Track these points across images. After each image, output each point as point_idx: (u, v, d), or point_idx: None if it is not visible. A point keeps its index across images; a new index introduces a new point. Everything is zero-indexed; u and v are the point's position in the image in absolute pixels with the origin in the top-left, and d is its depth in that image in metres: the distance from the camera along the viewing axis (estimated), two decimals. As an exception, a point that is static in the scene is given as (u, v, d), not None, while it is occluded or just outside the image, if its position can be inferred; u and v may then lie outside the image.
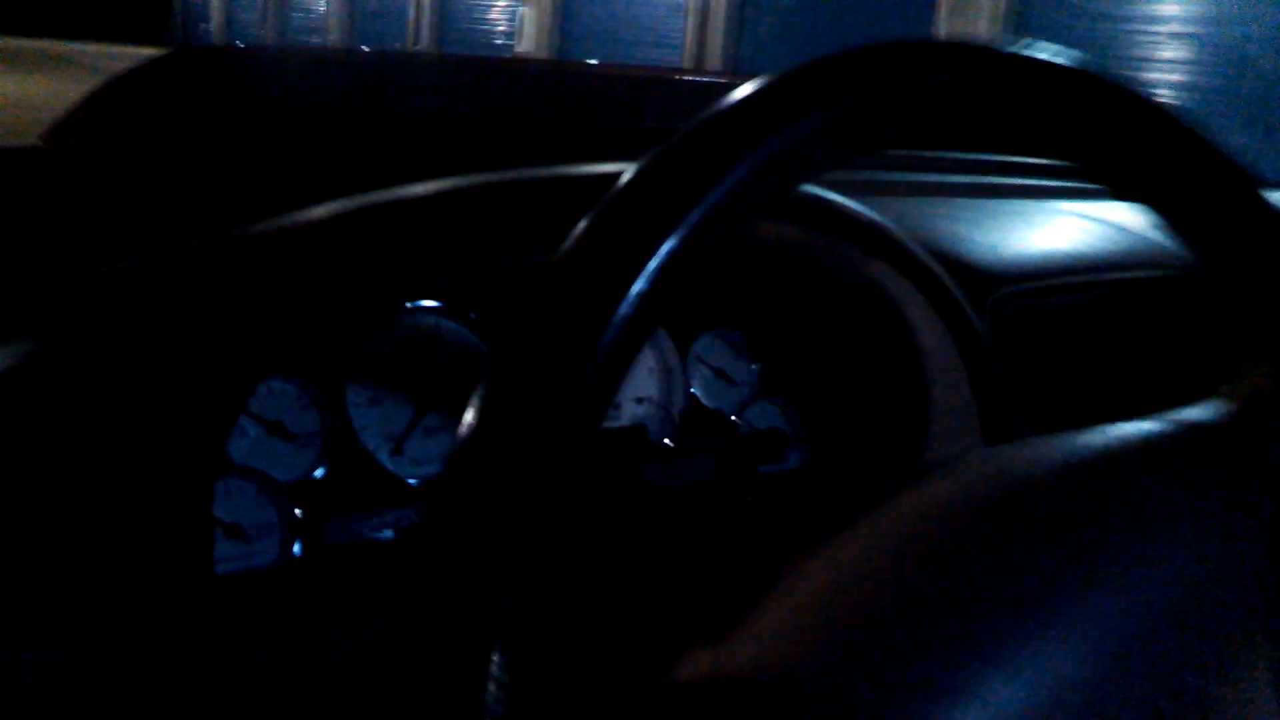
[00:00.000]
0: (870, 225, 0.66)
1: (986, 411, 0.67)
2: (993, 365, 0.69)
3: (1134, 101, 0.42)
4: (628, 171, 0.34)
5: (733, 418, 0.76)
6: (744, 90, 0.36)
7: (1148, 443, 0.43)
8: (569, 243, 0.34)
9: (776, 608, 0.37)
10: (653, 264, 0.32)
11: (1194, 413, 0.45)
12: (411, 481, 0.66)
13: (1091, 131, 0.41)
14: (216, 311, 0.53)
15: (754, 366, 0.77)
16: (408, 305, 0.67)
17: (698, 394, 0.75)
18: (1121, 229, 0.98)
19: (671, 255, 0.33)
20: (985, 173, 1.11)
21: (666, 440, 0.72)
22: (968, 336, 0.67)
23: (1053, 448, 0.43)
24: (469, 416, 0.32)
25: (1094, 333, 0.85)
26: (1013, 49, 0.40)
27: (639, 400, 0.74)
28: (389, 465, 0.66)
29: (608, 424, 0.71)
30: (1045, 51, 0.40)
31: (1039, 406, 0.75)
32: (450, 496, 0.32)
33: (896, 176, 1.00)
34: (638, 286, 0.32)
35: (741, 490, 0.73)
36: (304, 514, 0.63)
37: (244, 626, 0.58)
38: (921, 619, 0.35)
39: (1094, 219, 1.01)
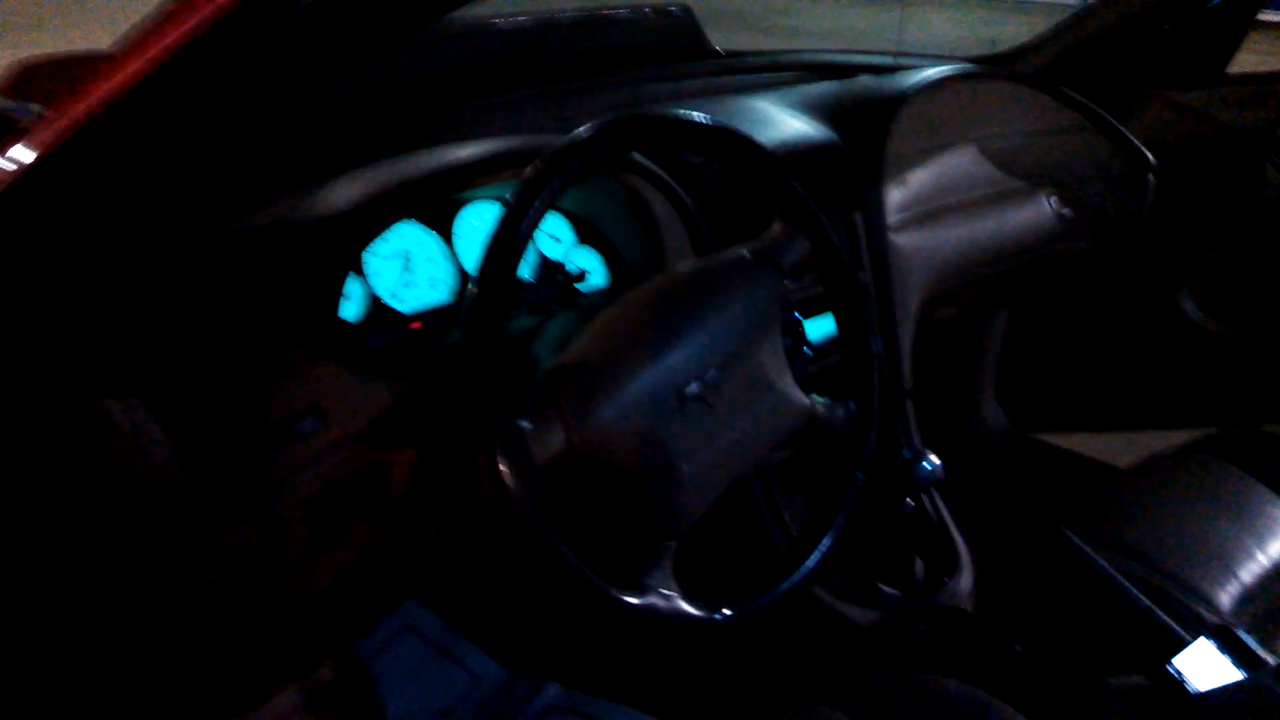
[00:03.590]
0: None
1: (694, 238, 1.19)
2: (697, 218, 1.19)
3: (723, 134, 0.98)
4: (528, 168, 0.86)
5: (563, 261, 1.22)
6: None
7: (723, 261, 0.99)
8: (508, 201, 0.85)
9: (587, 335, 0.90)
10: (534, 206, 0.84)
11: (745, 247, 1.00)
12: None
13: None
14: None
15: (572, 231, 1.24)
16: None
17: (543, 250, 1.21)
18: None
19: (538, 202, 0.85)
20: None
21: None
22: (682, 205, 1.18)
23: (685, 267, 0.98)
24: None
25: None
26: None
27: None
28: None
29: None
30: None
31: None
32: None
33: None
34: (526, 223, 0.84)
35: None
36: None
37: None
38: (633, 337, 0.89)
39: None
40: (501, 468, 0.78)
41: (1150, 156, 1.68)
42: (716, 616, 0.90)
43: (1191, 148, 1.79)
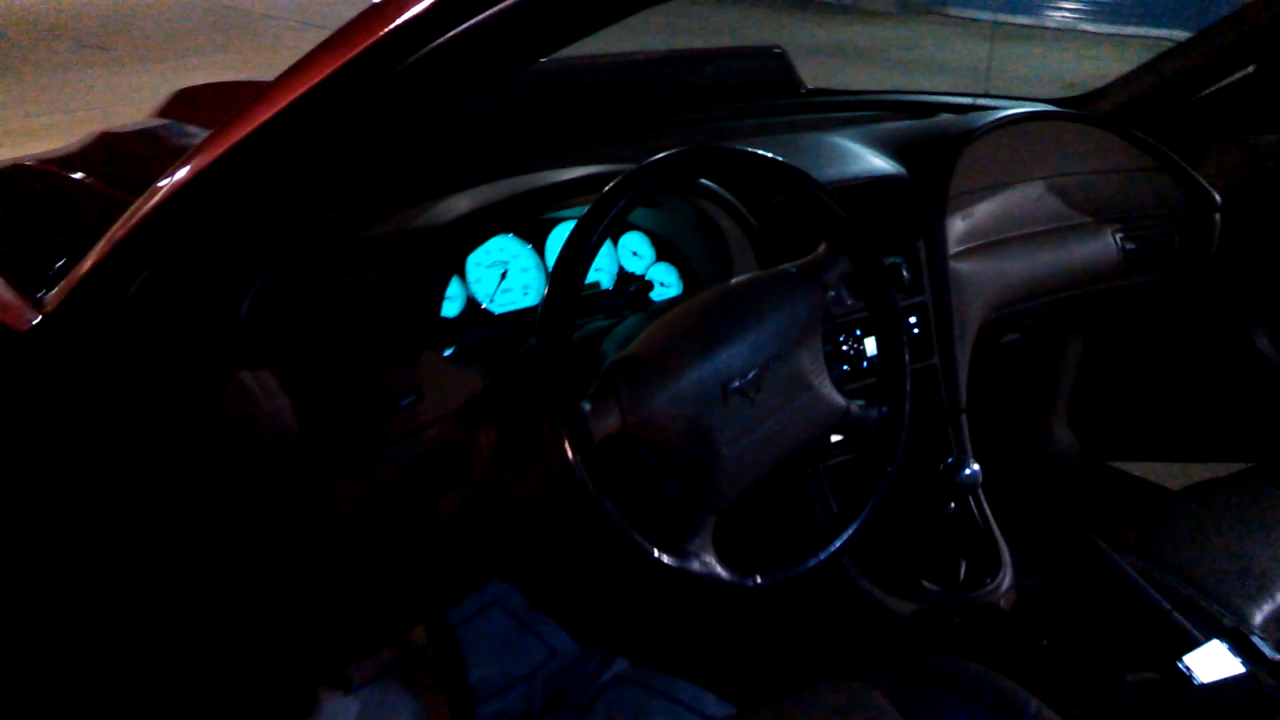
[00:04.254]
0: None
1: (759, 256, 1.35)
2: (763, 238, 1.35)
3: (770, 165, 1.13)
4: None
5: (644, 275, 1.40)
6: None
7: (771, 275, 1.12)
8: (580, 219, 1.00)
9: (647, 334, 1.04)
10: (603, 222, 0.98)
11: (792, 265, 1.14)
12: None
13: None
14: None
15: (652, 249, 1.41)
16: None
17: (623, 264, 1.37)
18: None
19: (606, 219, 0.99)
20: None
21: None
22: (751, 230, 1.34)
23: (738, 280, 1.11)
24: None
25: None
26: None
27: (596, 269, 1.36)
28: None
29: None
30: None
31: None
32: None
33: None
34: (595, 237, 0.98)
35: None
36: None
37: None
38: (686, 337, 1.03)
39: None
40: (564, 442, 0.93)
41: (1216, 195, 1.75)
42: (748, 582, 1.03)
43: (1262, 189, 1.85)
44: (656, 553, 0.98)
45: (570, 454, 0.94)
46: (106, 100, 7.36)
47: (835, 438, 1.42)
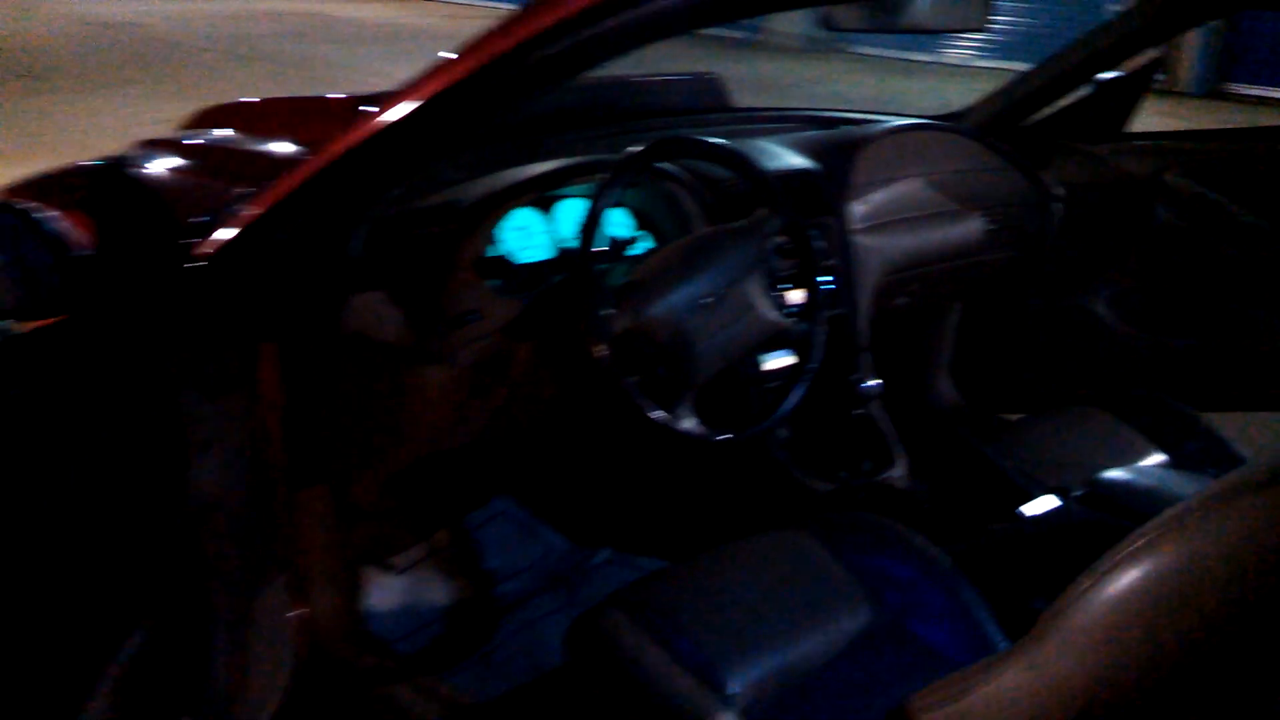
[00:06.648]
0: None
1: (711, 223, 1.76)
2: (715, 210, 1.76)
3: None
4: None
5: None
6: None
7: (727, 227, 1.62)
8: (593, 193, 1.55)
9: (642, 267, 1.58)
10: (609, 196, 1.55)
11: (741, 221, 1.63)
12: None
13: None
14: None
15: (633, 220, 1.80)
16: None
17: (610, 233, 1.76)
18: None
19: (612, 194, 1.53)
20: None
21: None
22: (705, 205, 1.75)
23: (704, 231, 1.63)
24: None
25: None
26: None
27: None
28: None
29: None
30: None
31: None
32: None
33: None
34: (604, 203, 1.54)
35: None
36: None
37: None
38: (668, 269, 1.53)
39: None
40: (593, 335, 1.38)
41: (1056, 189, 2.26)
42: (716, 437, 1.49)
43: (1097, 188, 2.37)
44: (655, 412, 1.44)
45: (596, 342, 1.39)
46: (63, 126, 7.61)
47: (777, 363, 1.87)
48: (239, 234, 1.43)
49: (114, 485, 1.08)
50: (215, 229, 1.47)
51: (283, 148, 1.91)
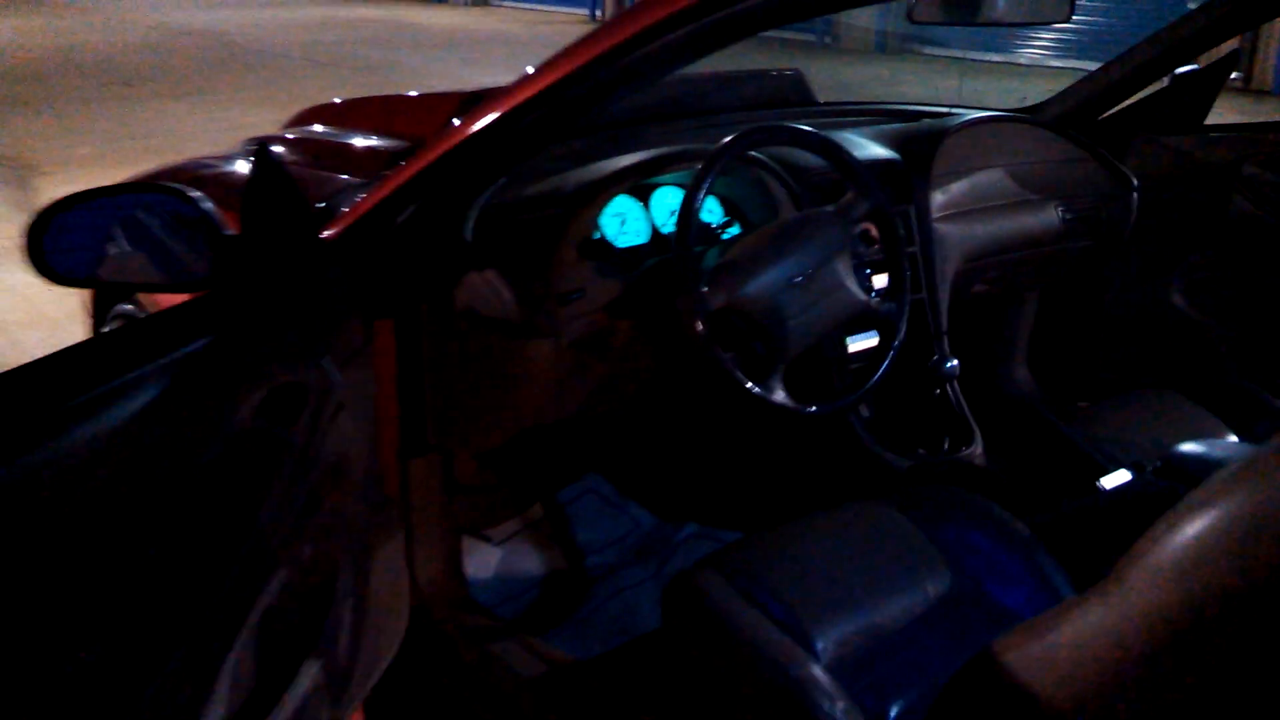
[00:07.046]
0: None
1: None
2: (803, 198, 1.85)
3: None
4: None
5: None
6: None
7: (815, 211, 1.75)
8: (688, 182, 1.63)
9: (736, 248, 1.75)
10: (706, 180, 1.61)
11: (828, 205, 1.77)
12: None
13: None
14: None
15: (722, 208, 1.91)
16: None
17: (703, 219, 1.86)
18: None
19: (708, 178, 1.61)
20: None
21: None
22: (793, 192, 1.86)
23: (793, 215, 1.76)
24: None
25: None
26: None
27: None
28: None
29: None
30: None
31: None
32: None
33: None
34: (702, 190, 1.62)
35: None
36: None
37: None
38: (761, 250, 1.65)
39: None
40: (693, 311, 1.47)
41: (1133, 179, 2.31)
42: (806, 409, 1.57)
43: (1175, 179, 2.41)
44: (749, 384, 1.52)
45: (694, 318, 1.48)
46: (142, 131, 7.90)
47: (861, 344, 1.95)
48: (359, 219, 1.54)
49: (253, 444, 1.19)
50: (333, 215, 1.59)
51: (378, 142, 2.04)
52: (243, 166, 2.17)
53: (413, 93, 2.41)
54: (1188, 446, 1.63)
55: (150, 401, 1.06)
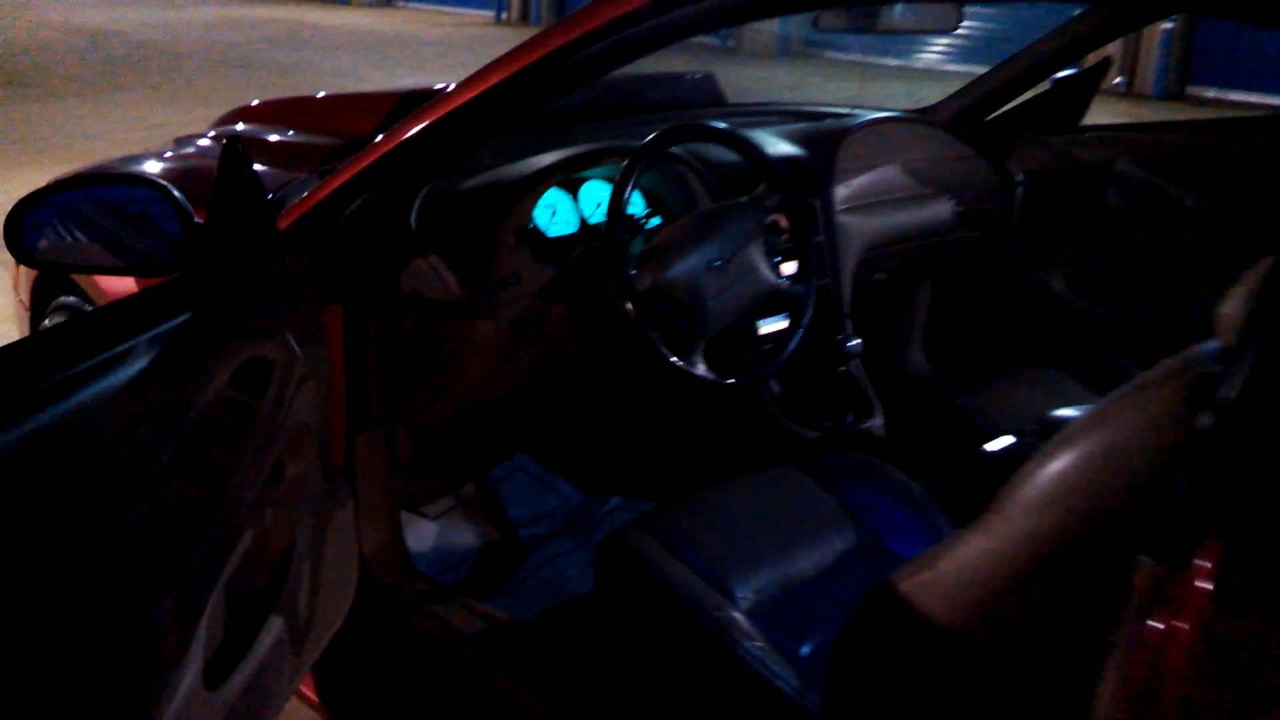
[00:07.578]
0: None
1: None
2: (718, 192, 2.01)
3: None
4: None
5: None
6: None
7: (732, 203, 1.94)
8: (617, 177, 1.78)
9: (660, 237, 1.95)
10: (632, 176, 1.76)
11: (743, 197, 1.94)
12: None
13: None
14: None
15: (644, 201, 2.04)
16: None
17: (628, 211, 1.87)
18: None
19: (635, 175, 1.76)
20: None
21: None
22: (710, 186, 2.01)
23: (711, 205, 1.95)
24: None
25: None
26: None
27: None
28: None
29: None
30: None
31: None
32: None
33: None
34: (630, 182, 1.76)
35: None
36: None
37: None
38: (683, 237, 1.83)
39: None
40: (623, 293, 1.62)
41: (1016, 175, 2.51)
42: (724, 381, 1.73)
43: (1054, 174, 2.63)
44: (674, 359, 1.67)
45: (624, 298, 1.62)
46: (66, 130, 7.76)
47: (771, 327, 2.11)
48: (310, 210, 1.65)
49: (227, 413, 1.29)
50: (284, 206, 1.70)
51: (314, 139, 2.15)
52: (178, 164, 2.26)
53: (346, 92, 2.52)
54: (1061, 411, 1.82)
55: (139, 371, 1.17)
